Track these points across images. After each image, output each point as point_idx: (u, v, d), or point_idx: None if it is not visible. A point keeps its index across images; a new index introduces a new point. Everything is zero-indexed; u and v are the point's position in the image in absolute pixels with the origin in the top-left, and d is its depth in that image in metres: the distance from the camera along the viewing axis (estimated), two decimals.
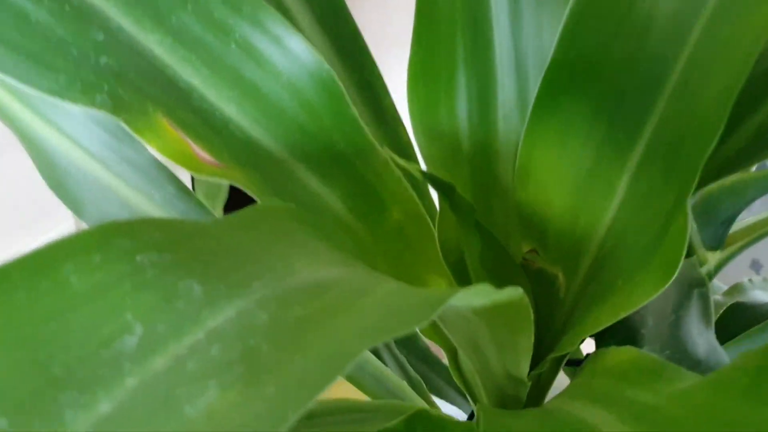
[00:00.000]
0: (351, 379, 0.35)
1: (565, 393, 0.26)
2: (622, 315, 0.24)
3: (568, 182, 0.27)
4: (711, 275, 0.40)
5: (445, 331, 0.27)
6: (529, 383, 0.29)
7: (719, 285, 0.66)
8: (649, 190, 0.24)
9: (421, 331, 0.29)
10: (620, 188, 0.25)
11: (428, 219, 0.30)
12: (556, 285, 0.30)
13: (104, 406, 0.14)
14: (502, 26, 0.28)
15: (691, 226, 0.38)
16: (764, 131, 0.23)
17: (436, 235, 0.30)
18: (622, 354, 0.24)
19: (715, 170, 0.24)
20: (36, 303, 0.15)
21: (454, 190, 0.27)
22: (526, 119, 0.26)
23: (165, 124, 0.23)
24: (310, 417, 0.27)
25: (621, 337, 0.27)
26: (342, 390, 0.41)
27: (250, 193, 0.24)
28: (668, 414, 0.18)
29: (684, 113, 0.22)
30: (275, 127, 0.26)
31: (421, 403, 0.37)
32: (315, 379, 0.14)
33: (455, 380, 0.32)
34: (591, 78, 0.24)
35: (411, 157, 0.32)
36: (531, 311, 0.24)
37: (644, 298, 0.23)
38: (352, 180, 0.28)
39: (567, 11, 0.23)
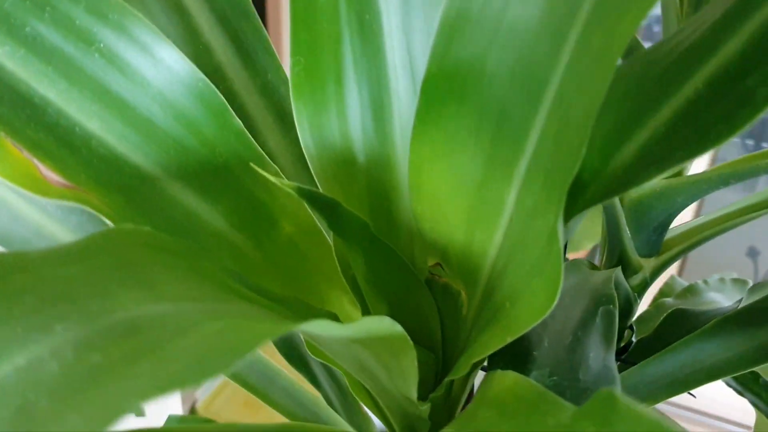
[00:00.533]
0: (261, 395, 0.34)
1: (456, 422, 0.25)
2: (509, 340, 0.23)
3: (459, 197, 0.26)
4: (647, 282, 0.38)
5: (330, 355, 0.26)
6: (429, 404, 0.28)
7: (681, 282, 0.64)
8: (533, 207, 0.23)
9: (310, 351, 0.28)
10: (508, 204, 0.24)
11: (324, 232, 0.28)
12: (459, 302, 0.29)
13: None
14: (394, 28, 0.27)
15: (625, 233, 0.37)
16: (650, 148, 0.21)
17: (333, 247, 0.28)
18: (505, 380, 0.23)
19: (603, 189, 0.23)
20: None
21: (338, 206, 0.25)
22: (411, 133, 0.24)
23: (8, 144, 0.21)
24: None
25: (511, 358, 0.26)
26: (260, 409, 0.39)
27: (105, 218, 0.22)
28: None
29: (560, 128, 0.21)
30: (146, 143, 0.25)
31: (339, 422, 0.36)
32: None
33: (360, 400, 0.31)
34: (470, 91, 0.23)
35: None
36: (407, 338, 0.23)
37: (528, 323, 0.22)
38: (237, 195, 0.27)
39: (439, 20, 0.22)
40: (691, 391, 0.36)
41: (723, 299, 0.53)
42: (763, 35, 0.19)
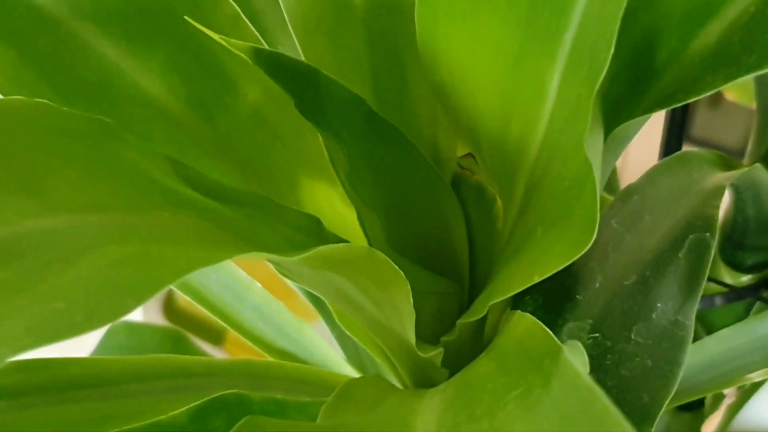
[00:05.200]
0: (223, 315, 0.40)
1: (459, 375, 0.30)
2: (536, 280, 0.28)
3: (489, 70, 0.29)
4: None
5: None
6: (440, 349, 0.33)
7: None
8: (576, 104, 0.26)
9: (278, 270, 0.33)
10: (551, 91, 0.28)
11: None
12: (494, 211, 0.34)
13: None
14: None
15: None
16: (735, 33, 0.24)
17: None
18: (518, 326, 0.28)
19: (680, 81, 0.26)
20: None
21: (316, 75, 0.30)
22: None
23: None
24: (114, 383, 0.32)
25: (545, 301, 0.30)
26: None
27: None
28: None
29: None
30: None
31: (330, 358, 0.42)
32: None
33: (356, 339, 0.36)
34: None
35: None
36: (393, 265, 0.27)
37: (559, 261, 0.27)
38: (179, 47, 0.31)
39: None
40: None
41: None
42: None
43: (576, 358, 0.23)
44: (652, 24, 0.27)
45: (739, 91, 0.78)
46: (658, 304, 0.29)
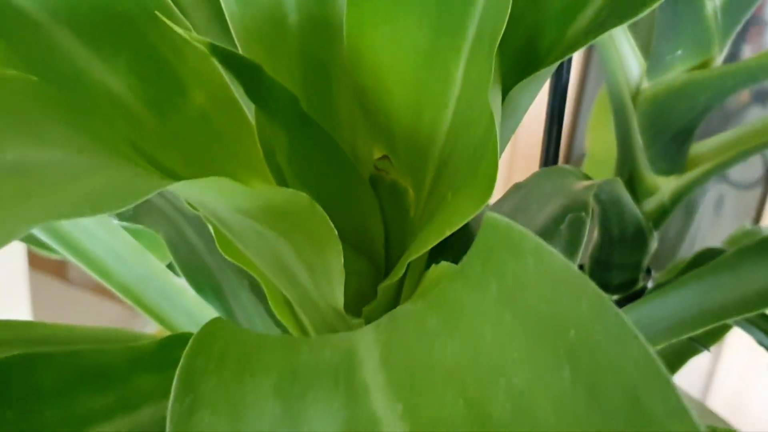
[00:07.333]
0: (157, 316, 0.43)
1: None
2: (447, 233, 0.32)
3: (405, 69, 0.34)
4: (666, 208, 0.47)
5: (245, 251, 0.35)
6: (362, 320, 0.37)
7: None
8: (479, 82, 0.31)
9: (222, 248, 0.36)
10: (457, 79, 0.33)
11: (245, 108, 0.37)
12: (406, 202, 0.38)
13: None
14: None
15: (636, 142, 0.46)
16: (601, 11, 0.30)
17: (255, 126, 0.37)
18: (435, 271, 0.32)
19: (561, 54, 0.32)
20: None
21: (259, 71, 0.34)
22: None
23: None
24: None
25: (455, 260, 0.34)
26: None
27: None
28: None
29: None
30: None
31: None
32: None
33: (282, 319, 0.40)
34: None
35: None
36: (329, 223, 0.32)
37: (467, 213, 0.31)
38: (138, 53, 0.35)
39: None
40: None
41: None
42: None
43: None
44: (535, 22, 0.33)
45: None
46: None
